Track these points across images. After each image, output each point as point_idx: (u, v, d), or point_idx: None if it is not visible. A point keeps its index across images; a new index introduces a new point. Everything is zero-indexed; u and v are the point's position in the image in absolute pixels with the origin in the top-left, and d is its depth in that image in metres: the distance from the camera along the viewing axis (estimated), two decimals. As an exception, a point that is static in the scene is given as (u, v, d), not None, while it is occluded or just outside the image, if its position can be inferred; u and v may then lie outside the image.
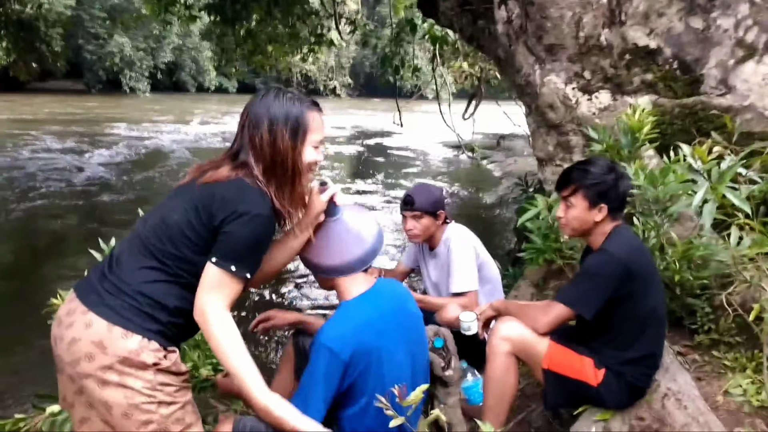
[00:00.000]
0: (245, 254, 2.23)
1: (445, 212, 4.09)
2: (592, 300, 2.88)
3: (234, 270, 2.20)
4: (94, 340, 2.14)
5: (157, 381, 2.20)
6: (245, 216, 2.19)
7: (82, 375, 2.17)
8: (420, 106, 36.24)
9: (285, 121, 2.32)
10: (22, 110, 29.69)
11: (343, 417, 2.60)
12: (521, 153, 19.45)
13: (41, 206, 12.02)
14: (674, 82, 4.40)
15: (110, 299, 2.19)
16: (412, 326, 2.77)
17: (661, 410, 3.00)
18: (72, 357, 2.18)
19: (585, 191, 3.00)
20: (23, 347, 5.98)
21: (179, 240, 2.24)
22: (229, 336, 2.22)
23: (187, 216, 2.24)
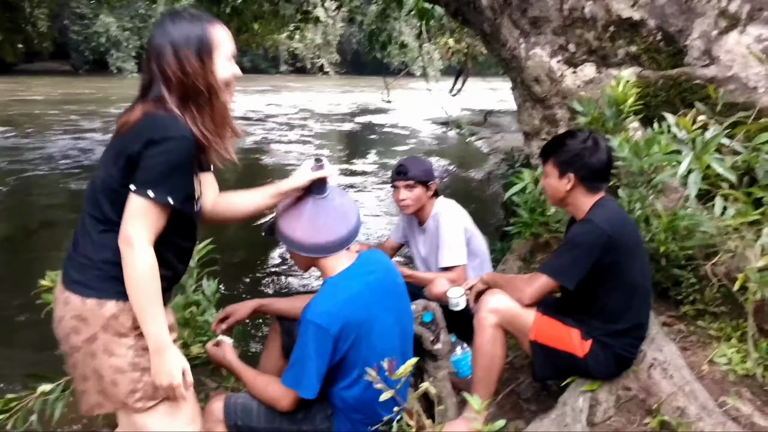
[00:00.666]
0: (162, 179, 2.12)
1: (435, 184, 4.09)
2: (573, 270, 2.91)
3: (152, 196, 2.10)
4: (74, 315, 2.20)
5: (139, 346, 2.21)
6: (157, 141, 2.09)
7: (73, 349, 2.23)
8: (408, 82, 36.12)
9: (187, 42, 2.19)
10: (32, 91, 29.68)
11: (335, 392, 2.63)
12: (509, 129, 19.45)
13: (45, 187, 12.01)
14: (658, 54, 4.41)
15: (78, 275, 2.23)
16: (398, 295, 2.79)
17: (647, 380, 3.04)
18: (62, 333, 2.25)
19: (554, 160, 3.08)
20: (13, 328, 5.99)
21: (109, 195, 2.20)
22: (147, 269, 2.11)
23: (110, 171, 2.19)
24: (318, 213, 2.59)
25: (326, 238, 2.57)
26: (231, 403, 2.73)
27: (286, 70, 58.74)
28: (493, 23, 5.22)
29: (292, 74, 54.14)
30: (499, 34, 5.17)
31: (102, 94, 32.01)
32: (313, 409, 2.68)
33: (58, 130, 19.63)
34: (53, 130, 19.42)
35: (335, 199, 2.64)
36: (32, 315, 5.63)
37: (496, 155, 15.22)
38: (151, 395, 2.24)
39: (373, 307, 2.59)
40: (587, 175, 3.03)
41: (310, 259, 2.63)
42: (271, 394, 2.64)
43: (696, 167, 2.88)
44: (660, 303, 3.68)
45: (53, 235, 9.34)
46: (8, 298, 6.60)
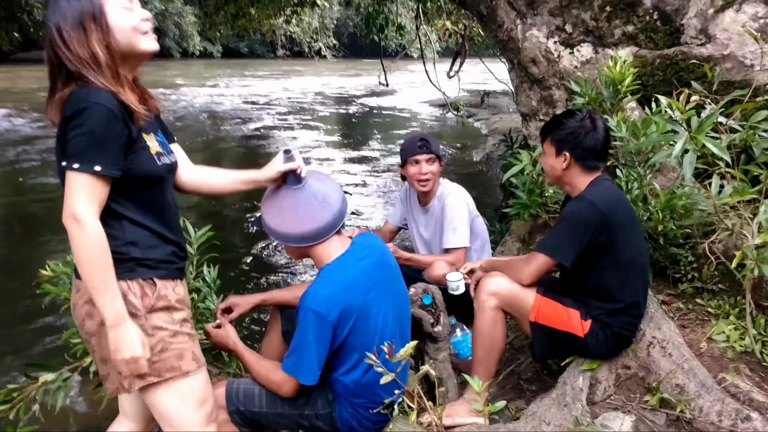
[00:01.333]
0: (84, 149, 2.02)
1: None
2: (569, 247, 2.93)
3: (78, 167, 2.01)
4: (86, 300, 2.18)
5: (150, 324, 2.20)
6: (72, 115, 2.02)
7: (89, 334, 2.23)
8: (405, 65, 36.00)
9: (65, 19, 2.12)
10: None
11: (335, 377, 2.66)
12: (507, 110, 19.44)
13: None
14: (655, 33, 4.40)
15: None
16: (393, 278, 2.82)
17: (646, 358, 3.06)
18: (78, 320, 2.25)
19: (551, 138, 3.11)
20: (14, 318, 6.00)
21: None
22: (95, 242, 2.04)
23: (57, 154, 2.13)
24: (298, 203, 2.58)
25: (310, 227, 2.57)
26: (233, 388, 2.75)
27: (283, 54, 58.50)
28: (490, 5, 5.20)
29: (289, 58, 53.77)
30: (495, 16, 5.15)
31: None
32: (314, 394, 2.71)
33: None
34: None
35: (313, 186, 2.62)
36: (34, 305, 5.66)
37: (494, 136, 15.21)
38: (158, 374, 2.23)
39: (369, 291, 2.60)
40: (582, 154, 3.04)
41: (301, 249, 2.64)
42: (274, 380, 2.67)
43: (691, 147, 2.88)
44: (659, 281, 3.70)
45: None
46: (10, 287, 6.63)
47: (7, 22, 19.31)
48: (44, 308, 3.24)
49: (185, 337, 2.31)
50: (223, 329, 2.95)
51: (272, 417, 2.74)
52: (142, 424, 2.65)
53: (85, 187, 2.03)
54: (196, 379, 2.33)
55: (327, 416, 2.72)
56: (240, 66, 46.22)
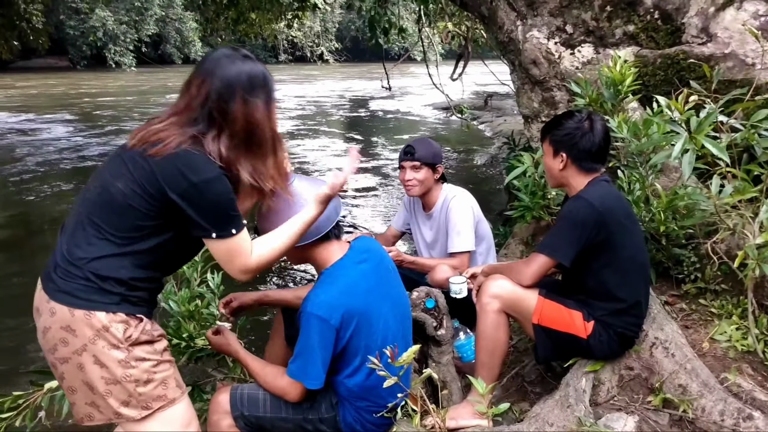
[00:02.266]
0: (230, 213, 2.21)
1: (442, 168, 4.10)
2: (568, 246, 2.93)
3: (235, 232, 2.22)
4: (62, 326, 2.15)
5: (133, 356, 2.18)
6: (204, 184, 2.13)
7: (61, 360, 2.19)
8: (408, 68, 36.01)
9: (251, 87, 2.23)
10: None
11: (339, 381, 2.67)
12: (511, 112, 19.38)
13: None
14: (656, 33, 4.40)
15: (64, 284, 2.16)
16: (392, 280, 2.84)
17: (649, 359, 3.06)
18: (48, 345, 2.21)
19: (549, 139, 3.13)
20: (19, 325, 6.02)
21: (125, 210, 2.16)
22: (269, 254, 2.35)
23: (132, 187, 2.15)
24: (289, 205, 2.57)
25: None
26: (237, 393, 2.75)
27: (286, 59, 58.62)
28: (490, 6, 5.21)
29: (291, 63, 53.88)
30: (496, 17, 5.16)
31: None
32: (319, 397, 2.71)
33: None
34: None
35: (301, 185, 2.63)
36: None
37: (499, 139, 15.20)
38: (146, 405, 2.22)
39: (370, 294, 2.62)
40: (579, 156, 3.06)
41: (298, 251, 2.63)
42: (279, 385, 2.67)
43: (690, 147, 2.88)
44: (662, 282, 3.69)
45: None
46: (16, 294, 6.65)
47: (5, 29, 19.29)
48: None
49: (167, 364, 2.32)
50: (222, 336, 2.96)
51: (276, 421, 2.74)
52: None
53: (241, 246, 2.27)
54: (181, 405, 2.33)
55: (331, 420, 2.72)
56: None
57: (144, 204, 2.14)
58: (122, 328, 2.17)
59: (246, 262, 2.27)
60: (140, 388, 2.20)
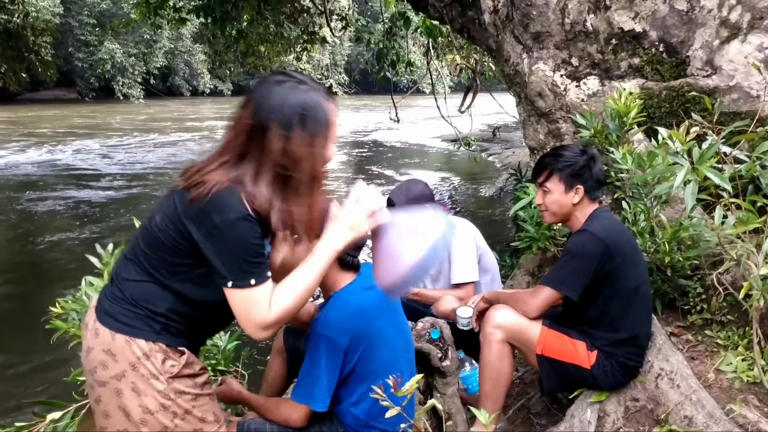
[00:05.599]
0: (249, 260, 2.02)
1: (431, 205, 4.04)
2: (575, 280, 2.93)
3: (254, 282, 2.02)
4: (104, 349, 2.13)
5: (172, 389, 2.14)
6: (225, 224, 1.99)
7: (99, 383, 2.15)
8: (417, 100, 36.16)
9: (293, 117, 2.02)
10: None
11: (345, 410, 2.67)
12: (519, 144, 19.45)
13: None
14: (661, 65, 4.42)
15: (110, 307, 2.16)
16: (397, 308, 2.85)
17: (654, 390, 3.04)
18: (89, 365, 2.18)
19: (559, 174, 3.09)
20: (23, 355, 6.03)
21: (157, 244, 2.11)
22: (285, 308, 2.08)
23: (164, 222, 2.09)
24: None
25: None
26: (244, 430, 2.73)
27: (294, 91, 58.73)
28: (497, 39, 5.25)
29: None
30: (502, 50, 5.20)
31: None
32: (324, 429, 2.69)
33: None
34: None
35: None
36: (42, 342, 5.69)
37: (507, 171, 15.24)
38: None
39: (377, 320, 2.64)
40: (593, 185, 3.08)
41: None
42: (283, 411, 2.66)
43: (693, 178, 2.89)
44: (668, 313, 3.69)
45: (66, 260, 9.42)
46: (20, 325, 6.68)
47: (14, 61, 19.56)
48: (52, 343, 3.25)
49: (206, 398, 2.27)
50: (225, 385, 2.95)
51: None
52: None
53: (260, 298, 2.05)
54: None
55: None
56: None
57: (172, 241, 2.07)
58: (161, 358, 2.13)
59: (264, 317, 2.03)
60: (177, 421, 2.16)
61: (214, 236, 1.99)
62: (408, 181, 4.26)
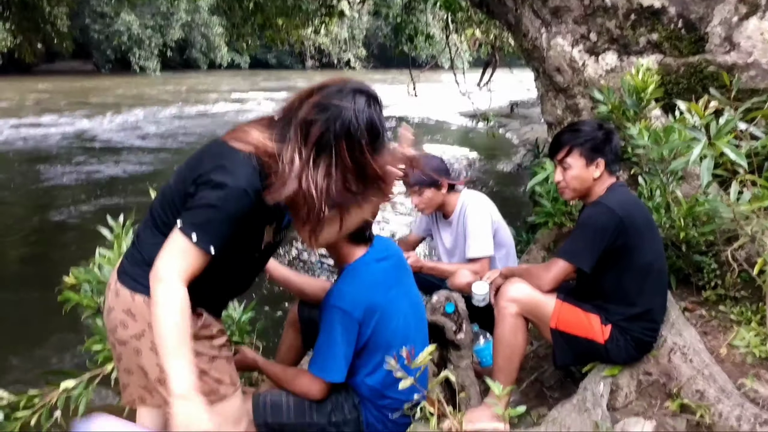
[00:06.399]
0: (211, 225, 1.99)
1: (448, 180, 4.06)
2: (588, 252, 2.95)
3: (195, 240, 1.98)
4: (124, 309, 2.18)
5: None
6: (219, 186, 1.99)
7: (120, 342, 2.22)
8: (435, 75, 35.94)
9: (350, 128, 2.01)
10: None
11: (360, 380, 2.73)
12: (538, 120, 19.29)
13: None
14: (679, 41, 4.40)
15: (130, 269, 2.21)
16: (410, 280, 2.91)
17: (667, 364, 3.07)
18: (110, 325, 2.24)
19: (580, 149, 3.09)
20: (35, 325, 6.11)
21: (170, 206, 2.13)
22: (174, 306, 1.96)
23: (177, 180, 2.14)
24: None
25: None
26: (260, 401, 2.77)
27: (313, 65, 58.57)
28: (515, 14, 5.24)
29: (318, 69, 53.75)
30: (520, 25, 5.19)
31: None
32: (341, 399, 2.76)
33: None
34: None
35: None
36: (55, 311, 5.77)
37: (525, 147, 15.17)
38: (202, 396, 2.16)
39: (390, 291, 2.69)
40: (612, 159, 3.10)
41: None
42: (301, 383, 2.73)
43: (709, 153, 2.89)
44: (682, 289, 3.71)
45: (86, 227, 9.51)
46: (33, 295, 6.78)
47: (30, 33, 19.49)
48: (65, 314, 3.28)
49: (223, 360, 2.32)
50: (241, 354, 3.01)
51: (300, 427, 2.76)
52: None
53: (188, 257, 2.01)
54: (232, 400, 2.34)
55: (353, 421, 2.75)
56: (270, 77, 46.18)
57: (179, 199, 2.10)
58: None
59: (167, 268, 1.98)
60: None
61: (204, 185, 2.01)
62: (424, 156, 4.27)
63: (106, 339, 2.52)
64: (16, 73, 37.72)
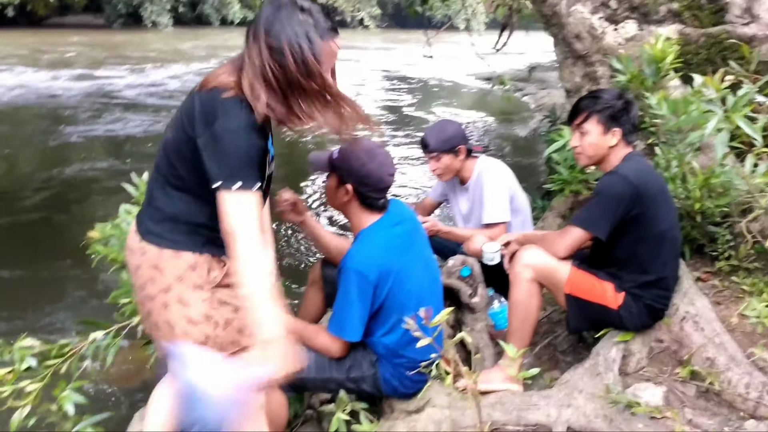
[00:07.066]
0: (242, 167, 2.04)
1: (465, 146, 4.09)
2: (603, 220, 3.00)
3: (241, 185, 2.02)
4: (152, 265, 2.25)
5: (216, 299, 2.26)
6: (225, 132, 2.05)
7: (148, 297, 2.28)
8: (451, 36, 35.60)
9: (292, 47, 2.06)
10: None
11: (376, 340, 2.84)
12: (555, 84, 19.10)
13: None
14: (700, 11, 4.40)
15: (154, 226, 2.27)
16: (424, 244, 3.01)
17: (679, 332, 3.14)
18: (138, 282, 2.31)
19: (598, 116, 3.13)
20: (65, 277, 6.23)
21: (180, 159, 2.20)
22: (257, 263, 2.00)
23: (179, 130, 2.18)
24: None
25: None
26: None
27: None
28: (535, -20, 5.22)
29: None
30: (540, -9, 5.17)
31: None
32: (359, 357, 2.88)
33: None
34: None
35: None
36: (82, 265, 5.88)
37: (541, 112, 15.06)
38: (221, 347, 2.26)
39: (405, 255, 2.79)
40: (629, 129, 3.13)
41: (345, 200, 2.81)
42: (321, 342, 2.84)
43: (725, 126, 2.92)
44: (696, 259, 3.75)
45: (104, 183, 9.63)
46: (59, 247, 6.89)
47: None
48: (93, 268, 3.36)
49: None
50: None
51: (320, 382, 2.90)
52: None
53: (246, 205, 2.05)
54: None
55: (371, 378, 2.87)
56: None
57: (189, 148, 2.14)
58: (207, 268, 2.25)
59: (237, 225, 2.01)
60: (219, 331, 2.27)
61: (214, 140, 2.06)
62: (442, 122, 4.31)
63: (133, 294, 2.59)
64: (26, 26, 37.47)
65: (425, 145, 4.03)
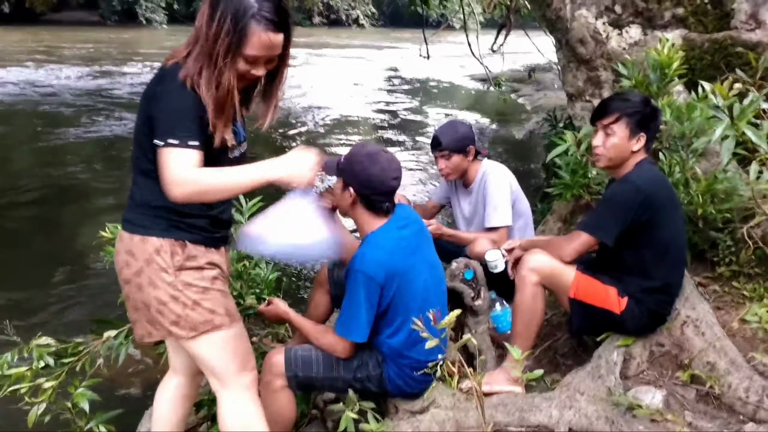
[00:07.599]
0: (177, 124, 2.16)
1: (474, 147, 4.11)
2: (612, 226, 3.02)
3: (178, 141, 2.14)
4: (126, 250, 2.39)
5: (180, 281, 2.37)
6: (159, 94, 2.21)
7: (126, 281, 2.42)
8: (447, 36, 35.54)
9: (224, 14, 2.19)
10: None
11: (382, 340, 2.87)
12: (552, 87, 19.14)
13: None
14: (705, 17, 4.42)
15: (128, 213, 2.43)
16: (429, 247, 3.03)
17: (680, 336, 3.17)
18: (117, 267, 2.45)
19: (627, 119, 3.07)
20: (79, 276, 6.25)
21: (138, 140, 2.33)
22: (202, 181, 2.16)
23: (139, 116, 2.32)
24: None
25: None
26: (291, 356, 2.92)
27: (320, 22, 57.41)
28: (539, -17, 5.24)
29: (326, 27, 52.80)
30: (544, -5, 5.19)
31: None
32: (365, 357, 2.91)
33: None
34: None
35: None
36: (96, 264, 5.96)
37: (538, 114, 15.08)
38: (192, 327, 2.39)
39: (411, 257, 2.83)
40: (652, 137, 3.15)
41: (356, 202, 2.82)
42: (328, 342, 2.89)
43: (731, 133, 2.95)
44: (697, 264, 3.77)
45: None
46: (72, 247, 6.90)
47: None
48: (106, 268, 3.41)
49: (217, 293, 2.46)
50: (273, 305, 3.17)
51: (327, 381, 2.94)
52: (190, 377, 2.84)
53: (186, 160, 2.17)
54: (228, 332, 2.48)
55: (377, 377, 2.90)
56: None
57: (146, 128, 2.26)
58: (170, 252, 2.36)
59: (178, 174, 2.12)
60: (188, 311, 2.38)
61: (156, 100, 2.22)
62: (454, 122, 4.33)
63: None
64: (22, 23, 37.29)
65: (437, 144, 4.05)
